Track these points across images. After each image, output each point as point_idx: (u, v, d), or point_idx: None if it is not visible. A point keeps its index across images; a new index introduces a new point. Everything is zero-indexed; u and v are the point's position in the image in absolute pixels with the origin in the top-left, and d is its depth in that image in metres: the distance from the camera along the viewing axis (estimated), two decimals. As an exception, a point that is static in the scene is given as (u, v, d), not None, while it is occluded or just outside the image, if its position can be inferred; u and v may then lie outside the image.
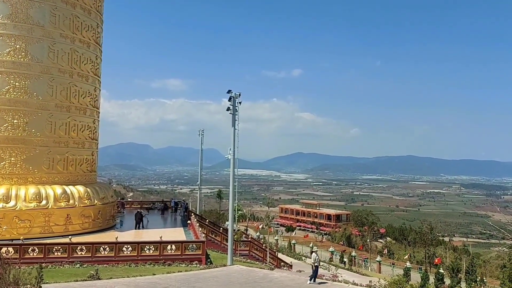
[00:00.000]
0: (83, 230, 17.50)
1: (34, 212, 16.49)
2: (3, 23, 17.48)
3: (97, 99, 20.61)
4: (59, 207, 17.11)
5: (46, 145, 17.95)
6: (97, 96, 20.53)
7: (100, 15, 20.73)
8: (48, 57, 18.01)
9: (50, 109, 18.07)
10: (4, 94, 17.39)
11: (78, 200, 17.81)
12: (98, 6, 20.42)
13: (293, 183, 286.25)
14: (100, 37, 20.67)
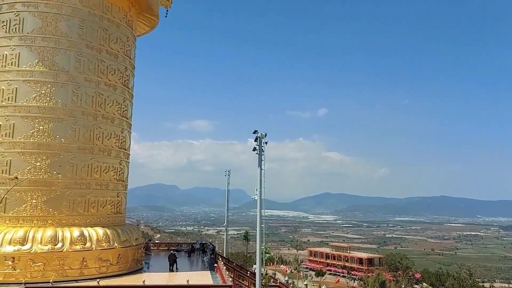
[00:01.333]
0: (100, 274, 16.85)
1: (48, 255, 16.17)
2: (31, 70, 18.07)
3: (124, 141, 20.66)
4: (74, 250, 16.69)
5: (67, 186, 17.88)
6: (124, 138, 20.62)
7: (130, 59, 21.18)
8: (72, 101, 18.34)
9: (73, 151, 18.16)
10: (29, 138, 17.67)
11: (95, 243, 17.35)
12: (127, 50, 20.88)
13: (322, 224, 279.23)
14: (128, 80, 20.96)
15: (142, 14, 23.07)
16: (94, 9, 19.35)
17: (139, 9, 22.44)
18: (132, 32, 21.69)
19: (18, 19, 18.62)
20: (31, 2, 18.66)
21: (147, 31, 25.19)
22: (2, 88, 18.28)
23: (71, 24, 18.74)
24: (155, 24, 24.47)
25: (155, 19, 23.84)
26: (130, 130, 21.57)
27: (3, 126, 18.00)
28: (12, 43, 18.50)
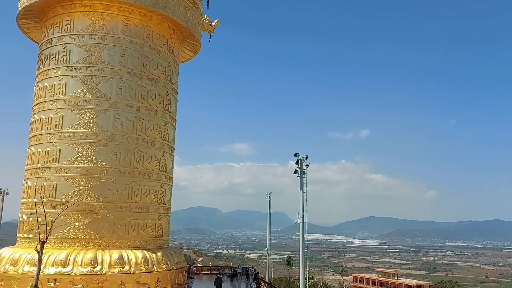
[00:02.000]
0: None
1: (88, 277, 16.22)
2: (76, 98, 18.75)
3: (166, 163, 20.72)
4: (112, 273, 16.62)
5: (108, 209, 18.04)
6: (165, 161, 20.70)
7: (171, 83, 21.48)
8: (113, 126, 18.73)
9: (114, 175, 18.40)
10: (73, 163, 18.17)
11: (134, 266, 17.21)
12: (168, 75, 21.18)
13: (367, 249, 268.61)
14: (170, 104, 21.20)
15: (185, 40, 23.40)
16: (135, 37, 19.95)
17: (181, 36, 22.79)
18: (173, 57, 21.98)
19: (65, 50, 19.49)
20: (77, 35, 19.53)
21: (191, 56, 25.47)
22: (51, 116, 19.03)
23: (113, 53, 19.37)
24: (198, 49, 24.75)
25: (197, 44, 24.10)
26: (172, 153, 21.59)
27: (50, 152, 18.65)
28: (60, 73, 19.34)
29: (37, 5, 20.20)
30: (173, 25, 21.60)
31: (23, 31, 22.56)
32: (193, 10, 21.92)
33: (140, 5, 19.58)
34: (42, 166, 18.69)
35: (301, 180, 20.88)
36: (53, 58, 19.73)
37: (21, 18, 21.44)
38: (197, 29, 23.02)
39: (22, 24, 21.96)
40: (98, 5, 19.69)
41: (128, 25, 19.87)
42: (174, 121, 22.12)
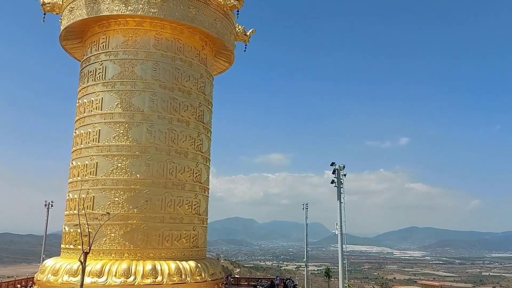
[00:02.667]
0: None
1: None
2: (111, 112, 19.15)
3: (200, 174, 20.66)
4: (145, 283, 16.55)
5: (142, 220, 18.09)
6: (199, 171, 20.65)
7: (204, 94, 21.41)
8: (146, 138, 18.89)
9: (147, 186, 18.48)
10: (109, 175, 18.47)
11: (167, 277, 17.09)
12: (200, 87, 21.20)
13: (409, 261, 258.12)
14: (203, 115, 21.16)
15: (219, 52, 23.34)
16: (166, 51, 20.19)
17: (214, 47, 22.77)
18: (206, 69, 21.97)
19: (101, 67, 20.03)
20: (111, 52, 20.03)
21: (227, 66, 25.37)
22: (89, 131, 19.53)
23: (145, 67, 19.65)
24: (232, 60, 24.57)
25: (231, 55, 23.91)
26: (206, 163, 21.46)
27: (88, 165, 19.08)
28: (97, 89, 19.86)
29: (76, 26, 20.86)
30: (205, 37, 21.64)
31: (67, 51, 23.32)
32: (224, 21, 21.88)
33: (170, 19, 19.79)
34: (82, 179, 19.14)
35: (339, 190, 20.40)
36: (91, 75, 20.31)
37: (63, 39, 22.26)
38: (229, 40, 22.86)
39: (65, 45, 22.76)
40: (131, 22, 20.16)
41: (159, 40, 20.18)
42: (208, 132, 22.04)
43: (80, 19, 20.33)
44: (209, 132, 22.23)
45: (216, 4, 21.27)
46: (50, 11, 21.78)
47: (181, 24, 20.30)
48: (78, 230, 18.02)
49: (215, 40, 22.14)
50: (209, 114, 22.27)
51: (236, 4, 21.21)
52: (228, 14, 22.13)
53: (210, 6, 20.98)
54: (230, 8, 21.48)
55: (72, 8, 20.74)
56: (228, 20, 22.36)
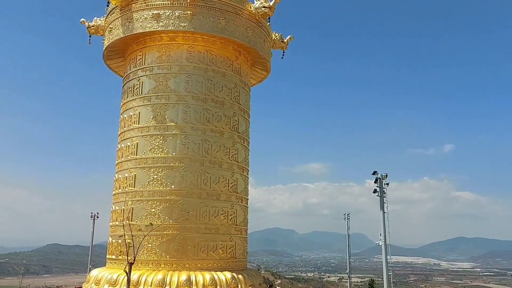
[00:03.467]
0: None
1: None
2: (147, 126, 19.54)
3: (236, 184, 20.32)
4: None
5: (178, 231, 18.12)
6: (235, 181, 20.32)
7: (238, 104, 21.18)
8: (180, 149, 19.03)
9: (182, 196, 18.54)
10: (145, 187, 18.79)
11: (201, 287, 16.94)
12: (235, 96, 20.99)
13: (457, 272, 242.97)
14: (237, 124, 20.92)
15: (255, 60, 23.07)
16: (199, 63, 20.26)
17: (249, 57, 22.51)
18: (240, 78, 21.75)
19: (139, 83, 20.56)
20: (147, 67, 20.48)
21: (264, 75, 24.92)
22: (128, 144, 20.11)
23: (178, 80, 19.85)
24: (269, 68, 24.10)
25: (266, 63, 23.45)
26: (243, 173, 21.09)
27: (128, 177, 19.56)
28: (135, 104, 20.40)
29: (116, 45, 21.71)
30: (238, 47, 21.41)
31: (112, 70, 24.25)
32: (256, 29, 21.48)
33: (200, 31, 19.88)
34: (122, 191, 19.74)
35: (381, 199, 19.63)
36: (130, 91, 20.98)
37: (107, 59, 23.24)
38: (263, 48, 22.34)
39: (110, 64, 23.72)
40: (165, 38, 20.50)
41: (191, 52, 20.32)
42: (245, 141, 21.68)
43: (117, 38, 21.14)
44: (246, 142, 21.88)
45: (247, 13, 21.08)
46: (95, 33, 22.83)
47: (212, 35, 20.32)
48: (120, 241, 18.55)
49: (249, 50, 21.86)
50: (245, 123, 21.95)
51: (267, 11, 20.90)
52: (261, 22, 21.75)
53: (241, 15, 20.81)
54: (262, 16, 21.18)
55: (111, 28, 21.57)
56: (261, 28, 21.97)
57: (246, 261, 21.07)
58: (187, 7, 19.63)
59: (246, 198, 21.39)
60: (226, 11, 20.35)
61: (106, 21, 22.09)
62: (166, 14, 19.75)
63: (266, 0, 20.98)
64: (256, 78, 24.91)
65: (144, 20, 20.06)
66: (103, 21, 22.35)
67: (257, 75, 24.83)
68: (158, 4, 19.92)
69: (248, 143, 22.27)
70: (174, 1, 19.77)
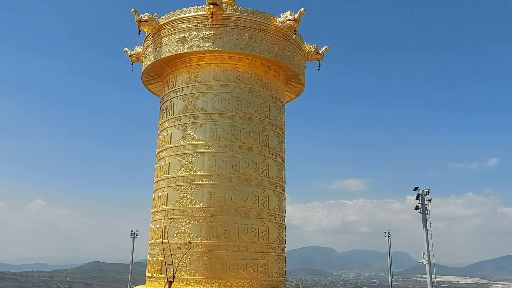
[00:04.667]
0: None
1: None
2: (177, 145, 19.77)
3: (267, 200, 19.60)
4: None
5: (207, 248, 17.86)
6: (265, 198, 19.60)
7: (268, 119, 20.72)
8: (208, 167, 18.95)
9: (210, 214, 18.35)
10: (176, 205, 18.89)
11: None
12: (264, 111, 20.58)
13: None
14: (267, 139, 20.38)
15: (287, 74, 22.47)
16: (225, 81, 20.19)
17: (280, 71, 22.03)
18: (270, 93, 21.28)
19: (171, 104, 20.95)
20: (178, 89, 20.83)
21: (301, 88, 24.16)
22: (162, 164, 20.43)
23: (206, 99, 19.92)
24: (302, 80, 23.25)
25: (298, 76, 22.62)
26: (276, 189, 20.36)
27: (162, 196, 19.82)
28: (168, 125, 20.76)
29: (152, 70, 22.34)
30: (266, 62, 21.01)
31: (153, 93, 24.75)
32: (283, 42, 20.97)
33: (224, 50, 19.90)
34: (157, 210, 20.03)
35: (424, 216, 18.63)
36: (164, 113, 21.47)
37: (147, 84, 23.98)
38: (292, 61, 21.65)
39: (151, 88, 24.34)
40: (194, 59, 20.76)
41: (218, 71, 20.34)
42: (278, 157, 20.97)
43: (149, 64, 21.94)
44: (279, 157, 21.16)
45: (273, 28, 20.71)
46: (136, 61, 23.73)
47: (237, 53, 20.21)
48: (154, 259, 18.53)
49: (278, 64, 21.29)
50: (277, 138, 21.26)
51: (292, 24, 20.38)
52: (288, 36, 21.11)
53: (267, 31, 20.50)
54: (288, 29, 20.65)
55: (146, 54, 22.47)
56: (289, 41, 21.34)
57: (283, 280, 20.14)
58: (211, 28, 19.80)
59: (281, 215, 20.62)
60: (250, 28, 20.22)
61: (143, 49, 22.74)
62: (191, 36, 20.04)
63: (292, 13, 20.59)
64: (293, 92, 24.34)
65: (171, 44, 20.50)
66: (142, 49, 23.01)
67: (293, 89, 24.20)
68: (183, 27, 20.30)
69: (283, 158, 21.60)
70: (198, 23, 20.03)
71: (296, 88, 24.24)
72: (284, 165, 21.59)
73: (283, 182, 21.14)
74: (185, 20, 20.36)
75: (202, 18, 19.95)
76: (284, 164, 21.71)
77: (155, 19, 20.97)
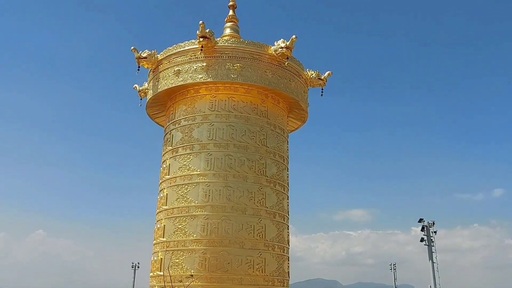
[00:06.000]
0: None
1: None
2: (174, 177, 19.86)
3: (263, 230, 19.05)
4: None
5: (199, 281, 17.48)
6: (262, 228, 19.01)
7: (266, 147, 20.50)
8: (202, 198, 18.94)
9: (203, 245, 18.17)
10: (171, 237, 18.90)
11: None
12: (261, 139, 20.36)
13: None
14: (264, 168, 20.06)
15: (288, 102, 22.29)
16: (220, 111, 20.29)
17: (279, 98, 21.86)
18: (268, 121, 21.09)
19: (170, 136, 21.33)
20: (177, 120, 21.22)
21: (304, 115, 23.80)
22: (161, 195, 20.65)
23: (201, 130, 20.05)
24: (304, 107, 22.98)
25: (297, 102, 22.34)
26: (274, 218, 19.80)
27: (160, 228, 19.90)
28: (167, 156, 21.07)
29: (157, 103, 22.94)
30: (264, 90, 20.97)
31: (160, 125, 25.11)
32: (277, 70, 20.89)
33: (219, 80, 20.07)
34: (156, 242, 20.05)
35: (430, 249, 17.52)
36: (165, 145, 21.88)
37: (154, 117, 24.68)
38: (288, 87, 21.41)
39: (160, 122, 24.83)
40: (191, 91, 21.13)
41: (213, 102, 20.50)
42: (276, 185, 20.48)
43: (150, 98, 22.66)
44: (279, 185, 20.65)
45: (267, 56, 20.68)
46: (144, 96, 24.42)
47: (232, 83, 20.32)
48: None
49: (276, 91, 21.15)
50: (276, 166, 20.83)
51: (285, 51, 20.31)
52: (283, 63, 21.01)
53: (259, 59, 20.51)
54: (281, 57, 20.63)
55: (147, 89, 23.21)
56: (285, 68, 21.26)
57: None
58: (203, 60, 20.18)
59: (282, 246, 19.87)
60: (242, 58, 20.35)
61: (147, 85, 23.78)
62: (185, 69, 20.54)
63: (284, 41, 20.56)
64: (298, 119, 24.00)
65: (168, 77, 21.11)
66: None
67: (298, 116, 23.82)
68: (179, 61, 20.89)
69: (283, 186, 21.02)
70: (192, 57, 20.52)
71: (300, 115, 23.81)
72: (285, 194, 20.99)
73: (284, 211, 20.49)
74: (180, 54, 21.00)
75: (195, 51, 20.44)
76: (286, 192, 21.12)
77: (154, 55, 21.85)
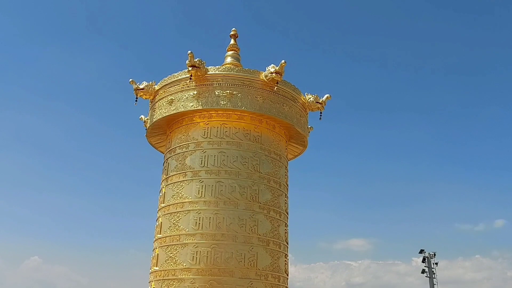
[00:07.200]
0: None
1: None
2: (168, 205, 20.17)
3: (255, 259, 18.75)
4: None
5: None
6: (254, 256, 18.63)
7: (259, 172, 20.37)
8: (192, 226, 18.91)
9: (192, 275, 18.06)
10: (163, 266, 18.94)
11: None
12: (254, 165, 20.24)
13: None
14: (257, 194, 19.79)
15: (286, 127, 22.25)
16: (213, 137, 20.37)
17: (275, 124, 21.81)
18: (262, 146, 20.98)
19: (166, 165, 21.63)
20: (172, 149, 21.51)
21: (303, 140, 23.63)
22: (156, 224, 20.79)
23: (194, 157, 20.17)
24: (302, 132, 22.89)
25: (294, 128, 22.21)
26: (268, 246, 19.28)
27: (154, 257, 20.00)
28: (163, 185, 21.29)
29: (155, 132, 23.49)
30: (258, 116, 21.01)
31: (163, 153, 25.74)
32: (269, 95, 20.96)
33: (209, 107, 20.31)
34: (151, 271, 20.10)
35: (431, 281, 17.10)
36: (162, 174, 22.12)
37: (157, 147, 25.06)
38: (281, 112, 21.29)
39: (162, 151, 24.67)
40: (186, 119, 21.48)
41: (206, 129, 20.69)
42: (271, 211, 20.09)
43: (148, 127, 23.18)
44: (273, 212, 20.27)
45: (259, 82, 20.84)
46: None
47: (224, 110, 20.52)
48: None
49: (270, 117, 21.10)
50: (271, 192, 20.57)
51: (274, 77, 20.40)
52: (273, 88, 20.95)
53: (250, 85, 20.65)
54: (271, 82, 20.76)
55: (147, 120, 23.86)
56: (276, 93, 21.19)
57: None
58: (194, 88, 20.57)
59: (277, 275, 19.26)
60: (233, 85, 20.58)
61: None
62: (178, 97, 20.97)
63: (274, 66, 20.72)
64: (299, 144, 23.85)
65: (162, 107, 21.62)
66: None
67: (298, 141, 23.63)
68: (172, 90, 21.39)
69: (280, 213, 20.57)
70: (184, 85, 20.97)
71: (299, 141, 23.60)
72: (282, 221, 20.51)
73: (280, 239, 19.96)
74: (173, 83, 21.52)
75: (187, 80, 20.92)
76: (284, 219, 20.64)
77: (151, 86, 22.50)
